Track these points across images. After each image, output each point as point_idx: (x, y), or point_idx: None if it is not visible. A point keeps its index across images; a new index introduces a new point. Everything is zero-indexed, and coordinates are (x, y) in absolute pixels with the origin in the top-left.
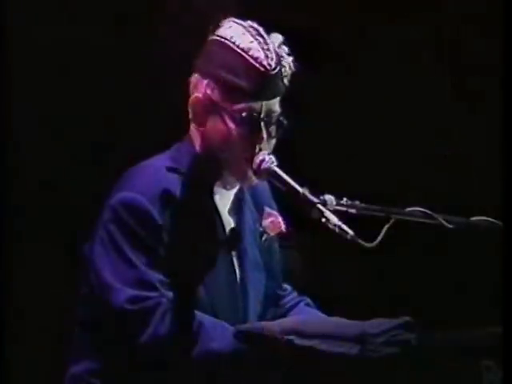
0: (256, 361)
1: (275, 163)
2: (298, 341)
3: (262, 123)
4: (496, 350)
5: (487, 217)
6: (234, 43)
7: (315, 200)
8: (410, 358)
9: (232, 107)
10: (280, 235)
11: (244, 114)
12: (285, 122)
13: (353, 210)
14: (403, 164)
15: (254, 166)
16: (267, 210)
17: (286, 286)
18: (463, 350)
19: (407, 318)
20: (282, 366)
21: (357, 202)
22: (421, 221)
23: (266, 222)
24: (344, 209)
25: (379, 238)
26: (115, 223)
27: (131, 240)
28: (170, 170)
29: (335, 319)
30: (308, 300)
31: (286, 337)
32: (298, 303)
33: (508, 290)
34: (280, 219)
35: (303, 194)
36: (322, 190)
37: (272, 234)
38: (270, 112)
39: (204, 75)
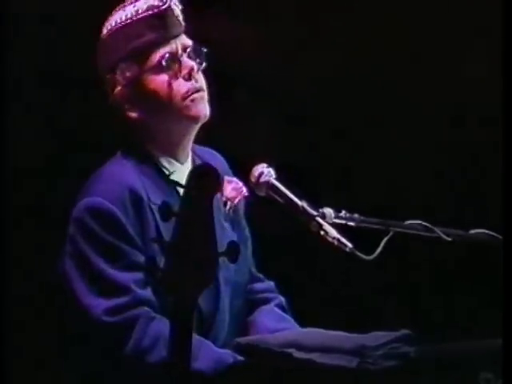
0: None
1: (274, 176)
2: (296, 354)
3: (184, 57)
4: (495, 362)
5: (486, 230)
6: (120, 20)
7: (314, 213)
8: (409, 370)
9: (152, 62)
10: (244, 199)
11: (165, 59)
12: (203, 49)
13: (352, 223)
14: (402, 177)
15: (253, 179)
16: (226, 178)
17: (258, 273)
18: (462, 363)
19: (406, 331)
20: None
21: (356, 215)
22: (420, 234)
23: (228, 191)
24: (343, 221)
25: (378, 250)
26: (79, 231)
27: (97, 244)
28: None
29: (334, 332)
30: (281, 299)
31: (285, 350)
32: (269, 301)
33: (508, 302)
34: (241, 184)
35: (302, 207)
36: (321, 203)
37: (236, 201)
38: (184, 47)
39: (113, 67)
